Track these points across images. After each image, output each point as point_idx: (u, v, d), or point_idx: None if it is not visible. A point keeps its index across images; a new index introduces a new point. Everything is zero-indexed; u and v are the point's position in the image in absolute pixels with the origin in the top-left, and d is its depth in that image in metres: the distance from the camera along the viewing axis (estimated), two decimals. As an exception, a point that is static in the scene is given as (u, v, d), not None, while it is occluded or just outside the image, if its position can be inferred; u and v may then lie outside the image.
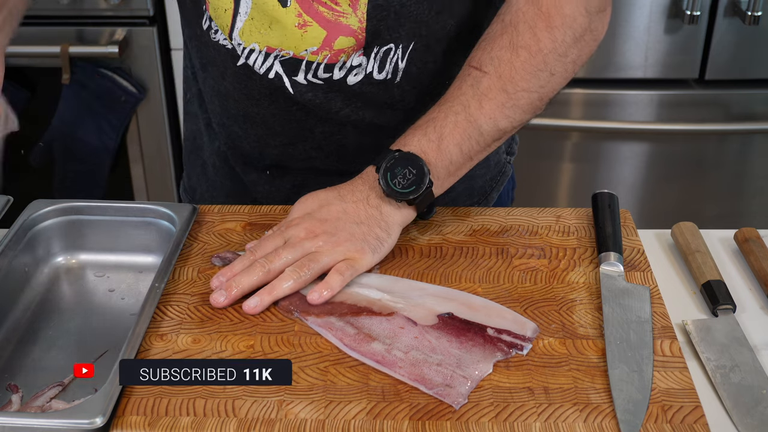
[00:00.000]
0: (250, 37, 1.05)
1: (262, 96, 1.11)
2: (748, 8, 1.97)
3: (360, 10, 1.02)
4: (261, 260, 0.95)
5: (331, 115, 1.11)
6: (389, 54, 1.05)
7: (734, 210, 2.28)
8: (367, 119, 1.12)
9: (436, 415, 0.82)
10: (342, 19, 1.02)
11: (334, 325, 0.92)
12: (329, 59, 1.05)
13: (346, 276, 0.95)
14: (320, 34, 1.03)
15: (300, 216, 1.00)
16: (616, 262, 1.00)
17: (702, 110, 2.13)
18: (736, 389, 0.87)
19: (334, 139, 1.14)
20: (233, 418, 0.81)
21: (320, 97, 1.09)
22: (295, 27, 1.03)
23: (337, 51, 1.04)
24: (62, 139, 2.13)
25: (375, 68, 1.06)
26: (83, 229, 1.07)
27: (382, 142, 1.11)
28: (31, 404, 0.86)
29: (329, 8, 1.01)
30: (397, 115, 1.12)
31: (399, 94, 1.10)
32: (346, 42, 1.04)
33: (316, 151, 1.16)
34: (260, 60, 1.06)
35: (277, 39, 1.04)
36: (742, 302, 1.00)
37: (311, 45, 1.04)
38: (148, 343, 0.90)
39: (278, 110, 1.12)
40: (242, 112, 1.14)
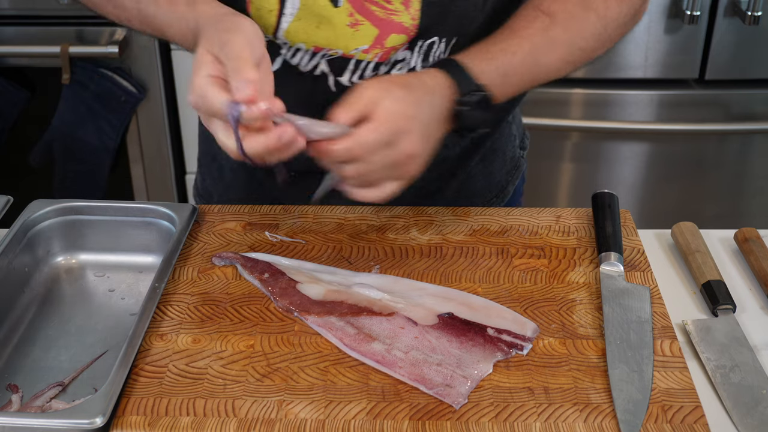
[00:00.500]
0: (296, 37, 1.05)
1: (298, 100, 1.10)
2: (748, 8, 1.97)
3: (413, 8, 1.02)
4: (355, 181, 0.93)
5: None
6: (432, 47, 1.06)
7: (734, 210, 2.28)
8: None
9: (436, 415, 0.82)
10: (394, 16, 1.02)
11: (334, 325, 0.92)
12: (380, 58, 1.05)
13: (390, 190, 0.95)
14: (372, 32, 1.03)
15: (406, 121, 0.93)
16: (616, 262, 1.00)
17: (702, 110, 2.13)
18: (736, 389, 0.87)
19: None
20: (233, 418, 0.81)
21: None
22: (347, 26, 1.02)
23: (388, 49, 1.04)
24: (62, 139, 2.13)
25: (419, 63, 1.07)
26: (83, 229, 1.07)
27: None
28: (31, 404, 0.86)
29: (381, 7, 1.01)
30: None
31: None
32: (397, 39, 1.04)
33: None
34: (306, 58, 1.06)
35: (325, 39, 1.04)
36: (742, 302, 1.00)
37: (362, 43, 1.04)
38: (148, 343, 0.90)
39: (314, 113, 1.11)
40: None
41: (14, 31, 2.08)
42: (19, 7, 2.08)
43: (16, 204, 1.08)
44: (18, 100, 2.13)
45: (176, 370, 0.87)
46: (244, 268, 1.00)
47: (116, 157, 2.17)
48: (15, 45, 2.09)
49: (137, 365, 0.87)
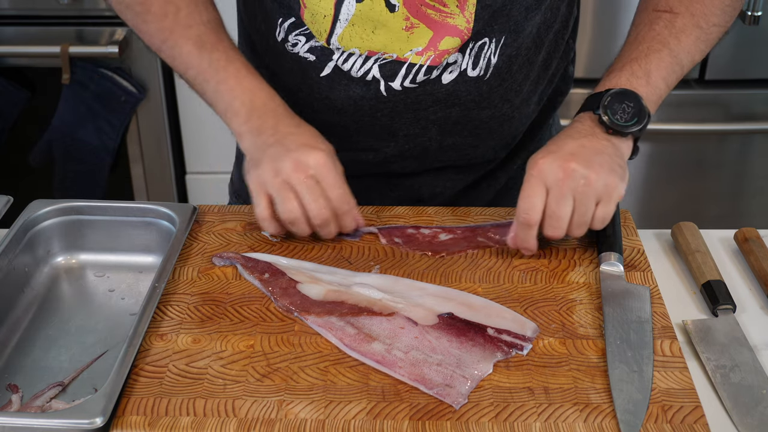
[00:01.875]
0: (350, 42, 1.05)
1: (346, 105, 1.11)
2: (748, 8, 1.96)
3: (468, 11, 1.02)
4: (552, 214, 0.97)
5: (419, 114, 1.11)
6: (483, 49, 1.06)
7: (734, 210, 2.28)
8: (453, 118, 1.12)
9: (436, 415, 0.81)
10: (449, 19, 1.03)
11: (334, 325, 0.92)
12: (432, 60, 1.05)
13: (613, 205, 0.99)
14: (427, 34, 1.04)
15: (542, 157, 0.99)
16: (616, 262, 1.00)
17: (702, 110, 2.13)
18: (736, 389, 0.87)
19: (418, 141, 1.14)
20: (233, 418, 0.81)
21: (411, 98, 1.09)
22: (402, 30, 1.03)
23: (441, 52, 1.05)
24: (62, 139, 2.13)
25: (469, 65, 1.07)
26: (83, 229, 1.07)
27: (465, 140, 1.15)
28: (31, 404, 0.86)
29: (437, 10, 1.02)
30: (482, 113, 1.13)
31: (487, 90, 1.10)
32: (451, 42, 1.04)
33: (396, 156, 1.16)
34: (358, 63, 1.07)
35: (380, 43, 1.04)
36: (742, 302, 1.00)
37: (417, 46, 1.04)
38: (148, 343, 0.90)
39: (363, 117, 1.12)
40: (318, 122, 1.14)
41: (14, 31, 2.08)
42: (19, 7, 2.08)
43: (16, 204, 1.08)
44: (18, 100, 2.13)
45: (176, 370, 0.87)
46: (244, 268, 1.00)
47: (116, 157, 2.17)
48: (15, 45, 2.09)
49: (137, 365, 0.87)
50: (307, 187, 0.99)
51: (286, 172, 0.99)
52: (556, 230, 0.98)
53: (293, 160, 0.99)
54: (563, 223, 0.97)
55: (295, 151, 1.00)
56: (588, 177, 0.96)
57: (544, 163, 0.98)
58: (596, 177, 0.97)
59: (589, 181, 0.96)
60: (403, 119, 1.11)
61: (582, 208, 0.97)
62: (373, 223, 1.09)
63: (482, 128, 1.14)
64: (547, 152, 0.99)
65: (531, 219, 0.98)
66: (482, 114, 1.13)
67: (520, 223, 0.99)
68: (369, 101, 1.09)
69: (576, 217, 0.98)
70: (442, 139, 1.14)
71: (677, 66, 1.06)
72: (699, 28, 1.07)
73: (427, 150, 1.16)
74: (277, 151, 1.00)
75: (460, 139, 1.15)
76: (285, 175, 0.99)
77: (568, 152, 0.98)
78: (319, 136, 1.03)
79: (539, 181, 0.97)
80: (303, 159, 0.99)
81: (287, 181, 0.99)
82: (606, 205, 0.98)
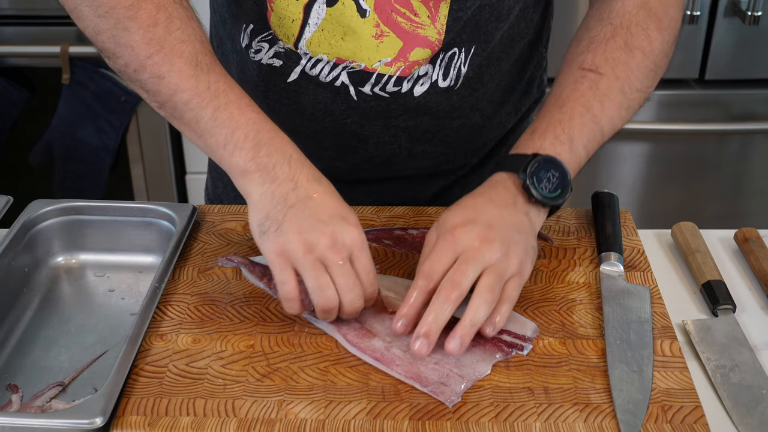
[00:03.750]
0: (318, 48, 1.03)
1: (316, 111, 1.09)
2: (748, 8, 1.97)
3: (439, 22, 1.01)
4: (447, 285, 0.86)
5: (389, 122, 1.10)
6: (453, 59, 1.05)
7: (734, 210, 2.28)
8: (423, 126, 1.11)
9: (436, 415, 0.81)
10: (420, 30, 1.01)
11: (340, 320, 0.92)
12: (402, 71, 1.03)
13: (514, 300, 0.89)
14: (396, 44, 1.01)
15: (461, 223, 0.91)
16: (616, 262, 1.00)
17: (702, 110, 2.13)
18: (736, 389, 0.87)
19: (387, 149, 1.13)
20: (233, 418, 0.81)
21: (382, 106, 1.07)
22: (372, 37, 1.01)
23: (411, 63, 1.03)
24: (62, 139, 2.13)
25: (440, 75, 1.05)
26: (83, 229, 1.07)
27: (435, 148, 1.13)
28: (31, 404, 0.86)
29: (408, 19, 1.00)
30: (453, 122, 1.12)
31: (457, 100, 1.10)
32: (422, 53, 1.03)
33: (365, 162, 1.15)
34: (327, 69, 1.04)
35: (349, 50, 1.02)
36: (742, 302, 1.00)
37: (386, 56, 1.02)
38: (148, 343, 0.90)
39: (331, 124, 1.10)
40: (288, 129, 1.12)
41: (14, 31, 2.08)
42: (19, 7, 2.08)
43: (16, 204, 1.08)
44: (18, 100, 2.13)
45: (176, 370, 0.87)
46: (251, 272, 1.00)
47: (116, 157, 2.17)
48: (15, 45, 2.09)
49: (137, 365, 0.87)
50: (343, 272, 0.87)
51: (321, 251, 0.87)
52: (447, 298, 0.86)
53: (329, 237, 0.87)
54: (458, 292, 0.86)
55: (329, 223, 0.88)
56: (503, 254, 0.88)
57: (461, 232, 0.89)
58: (511, 257, 0.89)
59: (502, 259, 0.88)
60: (373, 126, 1.10)
61: (488, 282, 0.87)
62: (373, 223, 1.09)
63: (452, 137, 1.14)
64: (465, 219, 0.91)
65: (430, 285, 0.88)
66: (453, 123, 1.12)
67: (417, 287, 0.88)
68: (339, 106, 1.07)
69: (478, 295, 0.87)
70: (411, 147, 1.13)
71: (599, 133, 1.00)
72: (622, 93, 1.01)
73: (397, 157, 1.14)
74: (305, 218, 0.88)
75: (430, 147, 1.14)
76: (319, 254, 0.87)
77: (486, 224, 0.90)
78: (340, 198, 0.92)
79: (451, 248, 0.89)
80: (340, 237, 0.87)
81: (321, 260, 0.87)
82: (513, 288, 0.89)
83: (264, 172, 0.90)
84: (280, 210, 0.88)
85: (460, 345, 0.85)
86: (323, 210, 0.88)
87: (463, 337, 0.85)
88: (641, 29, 1.02)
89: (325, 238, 0.87)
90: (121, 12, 0.90)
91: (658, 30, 1.03)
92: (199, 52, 0.92)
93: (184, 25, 0.92)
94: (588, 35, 1.04)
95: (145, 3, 0.90)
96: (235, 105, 0.91)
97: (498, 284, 0.87)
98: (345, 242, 0.87)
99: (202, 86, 0.91)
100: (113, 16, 0.91)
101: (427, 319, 0.85)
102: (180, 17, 0.92)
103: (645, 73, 1.03)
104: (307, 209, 0.88)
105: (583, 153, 0.99)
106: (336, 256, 0.87)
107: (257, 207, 0.90)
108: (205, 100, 0.91)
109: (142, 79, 0.92)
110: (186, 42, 0.91)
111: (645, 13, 1.02)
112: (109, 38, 0.92)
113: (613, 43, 1.02)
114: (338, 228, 0.87)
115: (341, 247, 0.87)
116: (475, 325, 0.85)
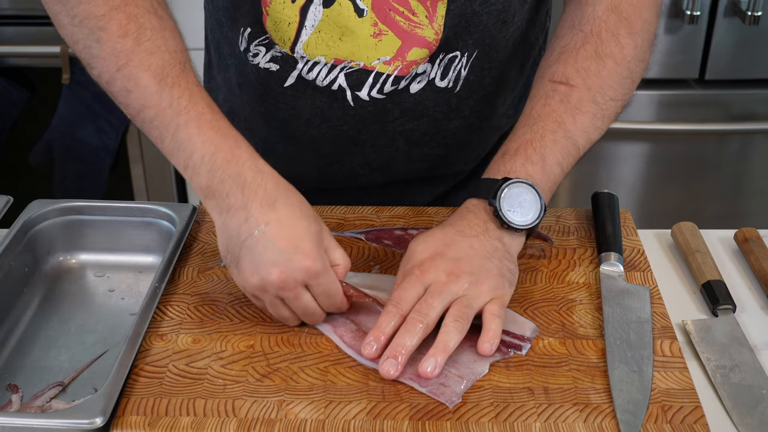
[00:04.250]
0: (315, 50, 1.02)
1: (312, 116, 1.08)
2: (748, 8, 1.96)
3: (437, 22, 1.00)
4: (415, 315, 0.87)
5: (386, 126, 1.09)
6: (454, 62, 1.04)
7: (734, 210, 2.28)
8: (421, 129, 1.11)
9: (436, 415, 0.81)
10: (417, 30, 1.00)
11: (337, 321, 0.92)
12: (400, 71, 1.03)
13: (502, 317, 0.89)
14: (395, 43, 1.01)
15: (429, 257, 0.91)
16: (616, 262, 1.00)
17: (702, 110, 2.13)
18: (736, 389, 0.87)
19: (385, 153, 1.13)
20: (233, 418, 0.81)
21: (379, 109, 1.07)
22: (370, 36, 1.00)
23: (409, 62, 1.03)
24: (62, 139, 2.13)
25: (438, 75, 1.05)
26: (83, 229, 1.07)
27: (433, 151, 1.13)
28: (31, 404, 0.86)
29: (406, 18, 0.99)
30: (451, 124, 1.12)
31: (456, 102, 1.09)
32: (419, 53, 1.02)
33: (363, 167, 1.15)
34: (324, 72, 1.04)
35: (347, 50, 1.02)
36: (742, 302, 1.00)
37: (384, 54, 1.02)
38: (148, 343, 0.90)
39: (328, 129, 1.09)
40: (286, 133, 1.11)
41: (14, 31, 2.08)
42: (19, 7, 2.08)
43: (16, 204, 1.08)
44: (18, 100, 2.13)
45: (176, 370, 0.87)
46: None
47: (116, 157, 2.17)
48: (15, 45, 2.09)
49: (137, 365, 0.87)
50: (299, 304, 0.89)
51: (273, 291, 0.87)
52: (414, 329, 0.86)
53: (278, 276, 0.86)
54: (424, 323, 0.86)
55: (278, 262, 0.86)
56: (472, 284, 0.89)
57: (429, 266, 0.90)
58: (481, 285, 0.89)
59: (471, 289, 0.89)
60: (370, 130, 1.10)
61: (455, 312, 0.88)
62: (373, 223, 1.09)
63: (451, 139, 1.13)
64: (433, 253, 0.91)
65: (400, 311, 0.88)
66: (450, 125, 1.12)
67: (387, 312, 0.88)
68: (336, 111, 1.07)
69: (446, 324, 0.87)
70: (409, 150, 1.13)
71: (573, 148, 0.99)
72: (595, 103, 0.99)
73: (395, 161, 1.14)
74: (256, 257, 0.87)
75: (428, 149, 1.14)
76: (273, 292, 0.88)
77: (454, 257, 0.91)
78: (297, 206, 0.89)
79: (419, 281, 0.90)
80: (290, 273, 0.86)
81: (276, 296, 0.88)
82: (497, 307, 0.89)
83: (219, 200, 0.88)
84: (235, 245, 0.88)
85: (434, 365, 0.85)
86: (273, 245, 0.86)
87: (437, 358, 0.85)
88: (611, 35, 1.00)
89: (274, 278, 0.86)
90: (93, 22, 0.89)
91: (629, 35, 1.00)
92: (166, 64, 0.89)
93: (155, 36, 0.90)
94: (559, 45, 1.03)
95: (117, 13, 0.89)
96: (195, 123, 0.88)
97: (466, 312, 0.88)
98: (296, 278, 0.86)
99: (165, 103, 0.89)
100: (87, 25, 0.90)
101: (394, 345, 0.86)
102: (152, 27, 0.90)
103: (618, 81, 1.01)
104: (258, 246, 0.86)
105: (558, 170, 0.98)
106: (289, 293, 0.87)
107: (219, 237, 0.90)
108: (167, 118, 0.89)
109: (113, 92, 0.92)
110: (155, 54, 0.89)
111: (616, 18, 1.00)
112: (84, 48, 0.91)
113: (583, 52, 1.00)
114: (287, 264, 0.86)
115: (293, 284, 0.87)
116: (447, 349, 0.86)
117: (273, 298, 0.89)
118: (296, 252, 0.86)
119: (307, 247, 0.87)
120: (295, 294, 0.88)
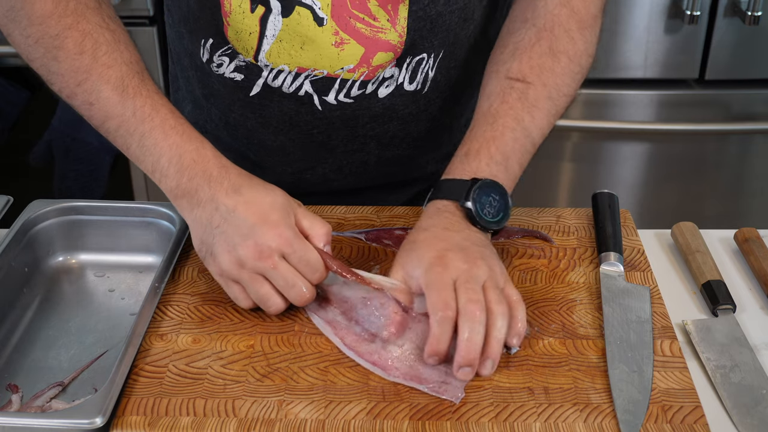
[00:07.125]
0: (278, 59, 1.02)
1: (281, 123, 1.08)
2: (748, 8, 1.97)
3: (400, 25, 1.00)
4: (468, 305, 0.85)
5: (356, 131, 1.09)
6: (421, 64, 1.04)
7: (734, 210, 2.28)
8: (391, 132, 1.11)
9: (436, 415, 0.81)
10: (380, 34, 1.00)
11: (339, 324, 0.92)
12: (366, 76, 1.03)
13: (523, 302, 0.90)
14: (358, 51, 1.01)
15: (438, 254, 0.90)
16: (616, 262, 1.00)
17: (702, 110, 2.13)
18: (736, 389, 0.87)
19: (356, 157, 1.13)
20: (233, 418, 0.81)
21: (348, 114, 1.07)
22: (332, 46, 1.00)
23: (375, 67, 1.02)
24: (62, 139, 2.13)
25: (406, 79, 1.05)
26: (83, 229, 1.07)
27: (405, 153, 1.13)
28: (31, 404, 0.86)
29: (367, 24, 0.99)
30: (420, 125, 1.12)
31: (425, 104, 1.10)
32: (384, 57, 1.02)
33: (335, 172, 1.15)
34: (289, 80, 1.04)
35: (309, 59, 1.01)
36: (742, 302, 1.00)
37: (348, 63, 1.02)
38: (148, 343, 0.90)
39: (298, 135, 1.09)
40: (255, 142, 1.11)
41: (14, 31, 2.08)
42: (19, 7, 2.08)
43: (16, 204, 1.08)
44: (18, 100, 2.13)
45: (176, 370, 0.87)
46: None
47: (116, 157, 2.17)
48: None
49: (137, 365, 0.87)
50: (278, 274, 0.89)
51: (251, 264, 0.88)
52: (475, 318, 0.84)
53: (252, 248, 0.88)
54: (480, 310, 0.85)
55: (250, 235, 0.88)
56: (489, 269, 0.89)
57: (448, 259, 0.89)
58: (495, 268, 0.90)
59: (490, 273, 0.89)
60: (340, 135, 1.10)
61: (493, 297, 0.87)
62: (373, 223, 1.09)
63: (421, 140, 1.14)
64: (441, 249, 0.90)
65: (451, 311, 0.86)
66: (420, 126, 1.12)
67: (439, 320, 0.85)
68: (304, 116, 1.07)
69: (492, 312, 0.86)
70: (381, 153, 1.13)
71: (530, 146, 1.01)
72: (551, 99, 1.01)
73: (366, 165, 1.14)
74: (230, 236, 0.89)
75: (399, 151, 1.14)
76: (251, 267, 0.89)
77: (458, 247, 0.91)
78: (262, 187, 0.92)
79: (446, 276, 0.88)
80: (263, 243, 0.88)
81: (256, 271, 0.89)
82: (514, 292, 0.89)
83: (189, 197, 0.93)
84: (209, 234, 0.91)
85: (492, 365, 0.85)
86: (244, 222, 0.89)
87: (494, 356, 0.85)
88: (564, 31, 1.01)
89: (249, 251, 0.88)
90: (48, 42, 0.93)
91: (579, 30, 1.02)
92: (125, 75, 0.94)
93: (111, 50, 0.94)
94: (512, 40, 1.03)
95: (71, 32, 0.93)
96: (159, 130, 0.93)
97: (501, 295, 0.88)
98: (270, 246, 0.88)
99: (128, 112, 0.93)
100: (42, 45, 0.94)
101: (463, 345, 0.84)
102: (107, 42, 0.94)
103: (571, 77, 1.03)
104: (231, 227, 0.90)
105: (518, 169, 1.00)
106: (265, 263, 0.88)
107: (192, 233, 0.94)
108: (132, 126, 0.93)
109: (75, 105, 0.96)
110: (112, 67, 0.93)
111: (567, 12, 1.01)
112: (41, 66, 0.96)
113: (538, 48, 1.01)
114: (259, 236, 0.88)
115: (268, 253, 0.88)
116: (500, 340, 0.85)
117: (251, 273, 0.89)
118: (265, 223, 0.89)
119: (275, 216, 0.90)
120: (272, 263, 0.88)
